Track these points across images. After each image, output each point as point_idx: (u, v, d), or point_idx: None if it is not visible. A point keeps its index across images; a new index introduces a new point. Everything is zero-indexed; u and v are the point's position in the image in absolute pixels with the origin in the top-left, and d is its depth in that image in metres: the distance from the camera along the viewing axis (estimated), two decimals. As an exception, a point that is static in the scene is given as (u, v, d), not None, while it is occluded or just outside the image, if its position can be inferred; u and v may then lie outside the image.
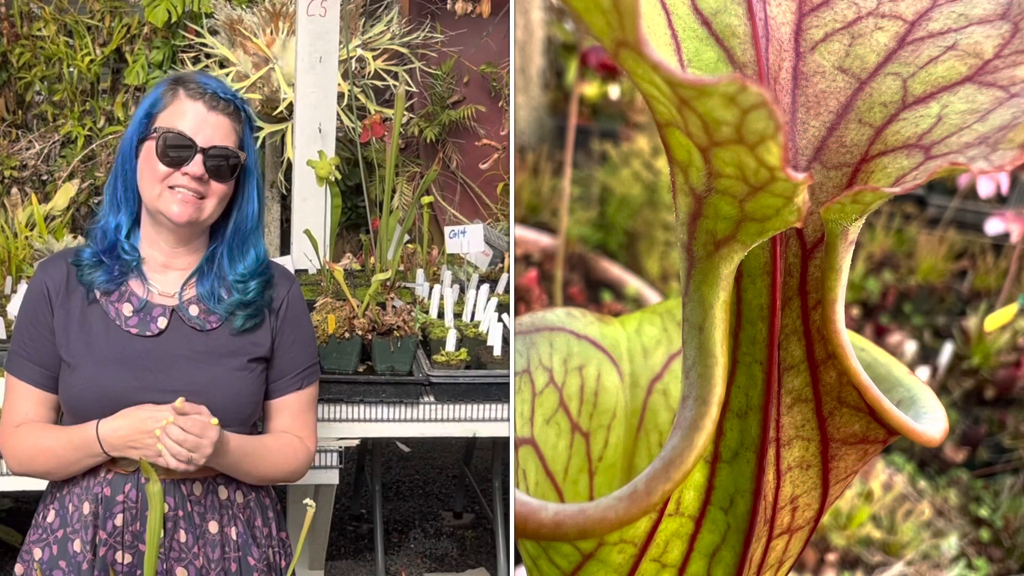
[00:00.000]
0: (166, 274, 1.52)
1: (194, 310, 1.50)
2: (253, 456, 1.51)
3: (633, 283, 3.25)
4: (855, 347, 0.65)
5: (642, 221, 3.37)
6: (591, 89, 4.05)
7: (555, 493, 0.82)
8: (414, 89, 3.34)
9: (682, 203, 0.58)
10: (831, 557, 2.48)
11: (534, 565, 0.69)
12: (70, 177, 3.13)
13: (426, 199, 2.73)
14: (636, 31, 0.46)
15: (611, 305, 3.15)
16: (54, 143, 3.22)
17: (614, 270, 3.36)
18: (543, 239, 3.42)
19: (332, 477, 2.27)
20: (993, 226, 3.18)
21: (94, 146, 3.18)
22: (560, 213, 3.13)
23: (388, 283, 2.36)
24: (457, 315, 2.49)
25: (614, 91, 3.98)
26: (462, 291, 2.60)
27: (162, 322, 1.49)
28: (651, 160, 3.37)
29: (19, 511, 2.84)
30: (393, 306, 2.28)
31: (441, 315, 2.46)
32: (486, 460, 3.23)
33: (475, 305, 2.49)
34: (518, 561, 1.60)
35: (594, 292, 3.31)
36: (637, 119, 3.57)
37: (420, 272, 2.67)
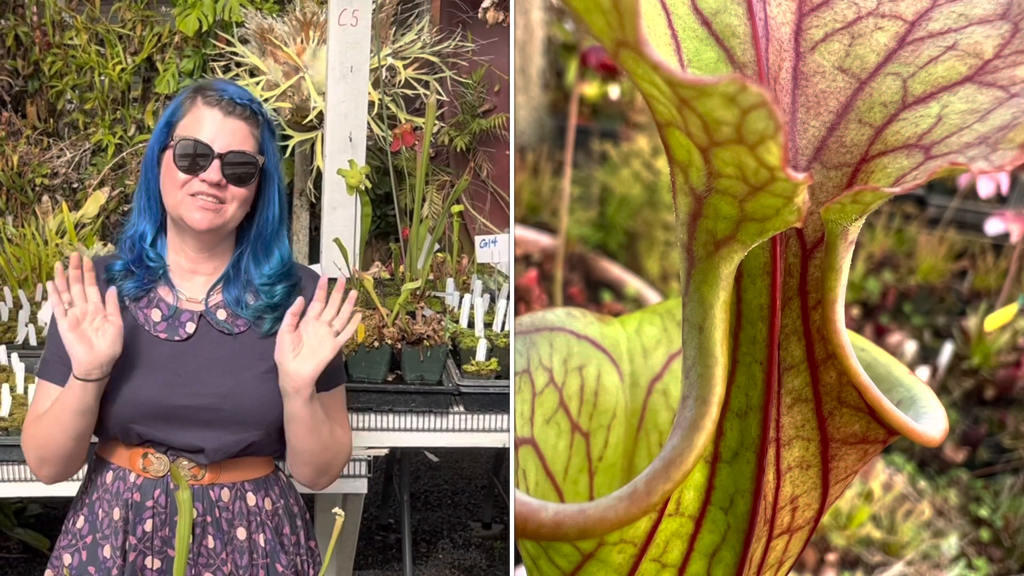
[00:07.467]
0: (193, 280, 1.53)
1: (221, 314, 1.51)
2: (318, 416, 1.48)
3: (633, 283, 3.26)
4: (855, 347, 0.65)
5: (642, 221, 3.37)
6: (591, 89, 4.05)
7: (555, 493, 0.82)
8: (445, 98, 3.32)
9: (682, 203, 0.58)
10: (831, 557, 2.48)
11: (534, 565, 0.69)
12: (100, 185, 3.12)
13: (456, 208, 2.71)
14: (636, 31, 0.46)
15: (611, 305, 3.16)
16: (85, 151, 3.22)
17: (614, 270, 3.36)
18: (543, 239, 3.42)
19: (360, 486, 2.26)
20: (993, 226, 3.18)
21: (124, 154, 3.19)
22: (560, 213, 3.13)
23: (418, 292, 2.34)
24: (487, 324, 2.47)
25: (614, 91, 3.98)
26: (492, 300, 2.59)
27: (190, 327, 1.50)
28: (651, 160, 3.37)
29: (48, 517, 2.83)
30: (423, 315, 2.27)
31: (471, 324, 2.45)
32: (515, 471, 3.21)
33: (505, 315, 2.48)
34: (518, 561, 1.60)
35: (594, 292, 3.31)
36: (637, 119, 3.57)
37: (450, 281, 2.65)
